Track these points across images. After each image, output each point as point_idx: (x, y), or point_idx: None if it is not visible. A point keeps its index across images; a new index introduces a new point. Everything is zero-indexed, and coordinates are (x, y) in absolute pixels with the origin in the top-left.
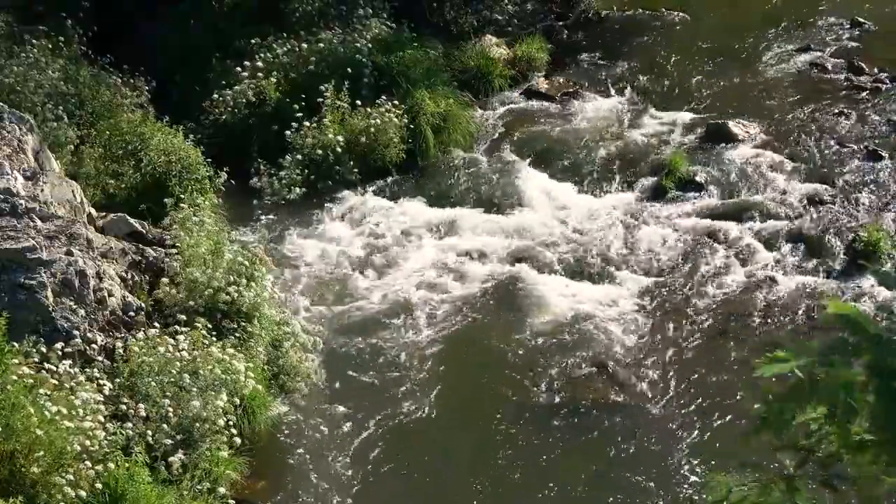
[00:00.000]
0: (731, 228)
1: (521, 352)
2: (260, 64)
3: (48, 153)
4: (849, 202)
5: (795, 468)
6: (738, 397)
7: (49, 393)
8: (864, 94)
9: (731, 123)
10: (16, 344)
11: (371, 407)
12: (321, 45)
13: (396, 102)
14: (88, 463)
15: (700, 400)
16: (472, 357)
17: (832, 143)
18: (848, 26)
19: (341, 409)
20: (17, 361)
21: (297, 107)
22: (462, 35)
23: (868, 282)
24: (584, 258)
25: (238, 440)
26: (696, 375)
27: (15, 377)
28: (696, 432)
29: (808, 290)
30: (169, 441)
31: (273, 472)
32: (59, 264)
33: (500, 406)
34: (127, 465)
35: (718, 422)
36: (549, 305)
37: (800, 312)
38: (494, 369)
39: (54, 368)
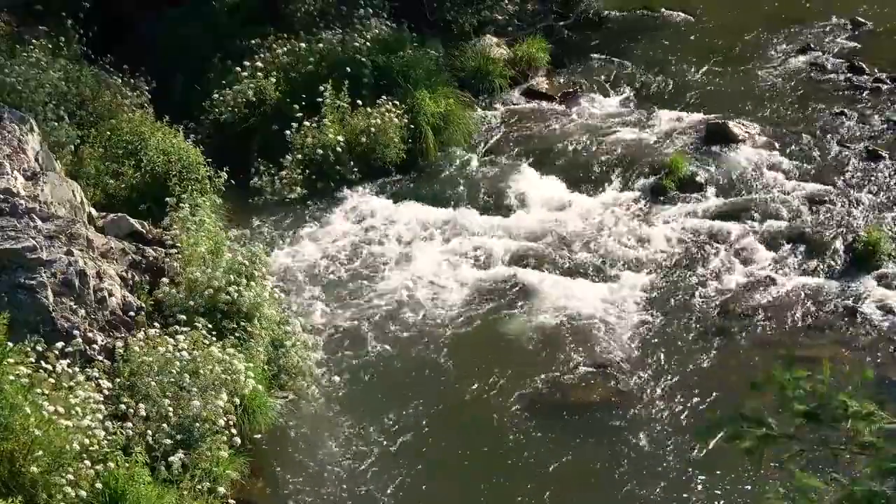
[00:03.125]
0: (731, 228)
1: (521, 351)
2: (260, 64)
3: (49, 153)
4: (849, 202)
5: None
6: (737, 397)
7: (47, 393)
8: (864, 94)
9: (731, 123)
10: (10, 344)
11: (371, 407)
12: (321, 45)
13: (396, 102)
14: (88, 462)
15: (700, 400)
16: (473, 357)
17: (832, 143)
18: (848, 26)
19: (342, 408)
20: (12, 361)
21: (296, 107)
22: (462, 35)
23: (868, 282)
24: (583, 258)
25: (238, 440)
26: (697, 375)
27: (12, 377)
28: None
29: (808, 290)
30: (169, 441)
31: (273, 472)
32: (59, 264)
33: (501, 406)
34: (127, 464)
35: None
36: (549, 305)
37: (800, 312)
38: (495, 369)
39: (51, 368)
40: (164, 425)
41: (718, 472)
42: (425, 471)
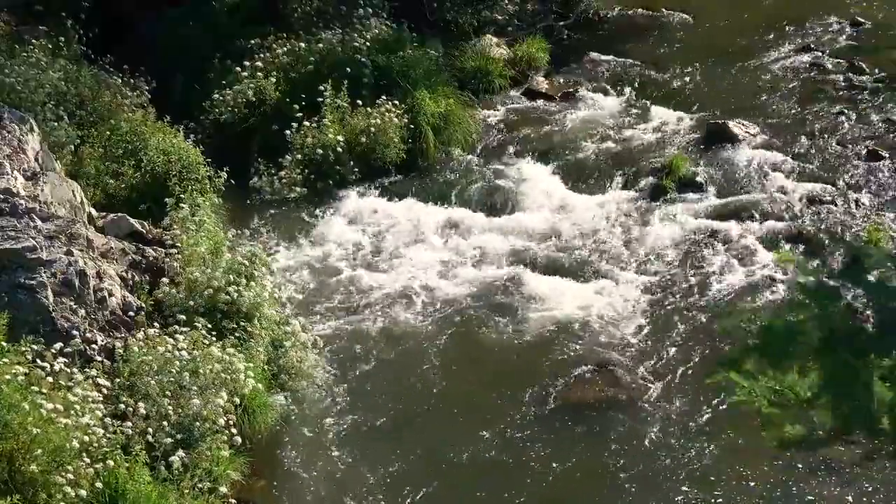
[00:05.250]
0: (731, 228)
1: (520, 351)
2: (260, 64)
3: (48, 153)
4: (849, 202)
5: None
6: (737, 396)
7: (45, 391)
8: (864, 94)
9: (731, 123)
10: (5, 344)
11: (371, 406)
12: (321, 45)
13: (396, 102)
14: (87, 461)
15: (700, 399)
16: (473, 357)
17: (832, 143)
18: (848, 26)
19: (342, 408)
20: (7, 361)
21: (296, 107)
22: (462, 35)
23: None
24: (584, 258)
25: (238, 439)
26: (696, 375)
27: (9, 376)
28: (696, 431)
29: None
30: (169, 440)
31: (273, 472)
32: (59, 264)
33: (501, 406)
34: (127, 464)
35: (718, 421)
36: (549, 305)
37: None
38: (494, 369)
39: (48, 367)
40: (165, 424)
41: (720, 472)
42: (426, 470)
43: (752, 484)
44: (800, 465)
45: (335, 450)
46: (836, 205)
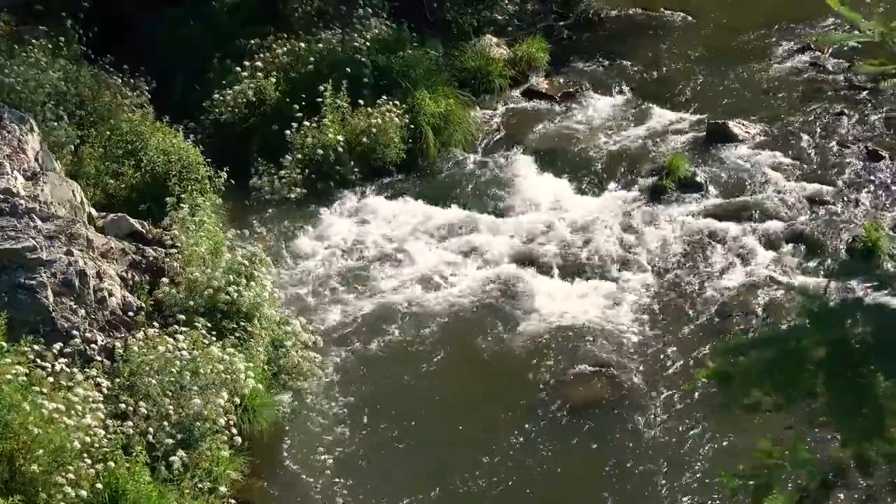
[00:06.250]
0: (731, 228)
1: (520, 351)
2: (260, 64)
3: (48, 153)
4: (849, 202)
5: None
6: (737, 396)
7: (46, 391)
8: (864, 94)
9: (731, 123)
10: (5, 345)
11: (372, 406)
12: (321, 45)
13: (397, 102)
14: (88, 461)
15: (700, 399)
16: (472, 358)
17: (832, 143)
18: (848, 26)
19: (342, 408)
20: (7, 361)
21: (296, 107)
22: (462, 35)
23: (867, 283)
24: (584, 258)
25: (239, 439)
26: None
27: (9, 376)
28: (696, 431)
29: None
30: (170, 440)
31: (273, 472)
32: (59, 264)
33: (501, 406)
34: (127, 464)
35: (718, 421)
36: (549, 305)
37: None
38: (495, 369)
39: (48, 367)
40: (165, 424)
41: (719, 472)
42: (425, 470)
43: (752, 483)
44: None
45: (335, 450)
46: (836, 205)
